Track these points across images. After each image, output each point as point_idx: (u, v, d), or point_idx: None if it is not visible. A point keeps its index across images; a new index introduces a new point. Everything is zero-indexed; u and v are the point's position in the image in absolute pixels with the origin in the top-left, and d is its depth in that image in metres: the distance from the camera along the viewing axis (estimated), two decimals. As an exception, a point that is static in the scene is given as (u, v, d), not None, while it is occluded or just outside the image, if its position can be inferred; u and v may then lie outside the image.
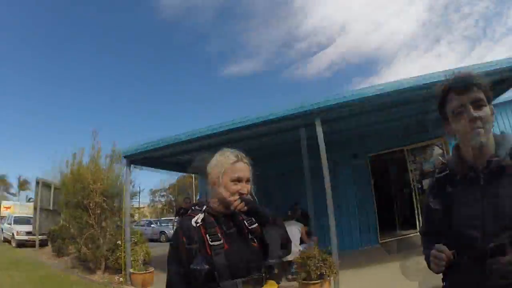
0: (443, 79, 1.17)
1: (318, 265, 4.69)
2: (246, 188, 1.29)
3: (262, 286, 1.24)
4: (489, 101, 1.11)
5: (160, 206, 48.33)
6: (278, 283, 1.28)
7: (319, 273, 4.67)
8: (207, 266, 1.13)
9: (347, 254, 6.53)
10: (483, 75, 1.14)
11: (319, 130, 5.24)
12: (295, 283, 5.12)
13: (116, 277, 7.19)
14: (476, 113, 1.06)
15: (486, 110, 1.09)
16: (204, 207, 1.30)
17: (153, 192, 48.00)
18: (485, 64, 5.23)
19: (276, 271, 2.97)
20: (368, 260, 6.41)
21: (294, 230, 5.86)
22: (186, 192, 35.59)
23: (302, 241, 6.00)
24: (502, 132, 1.16)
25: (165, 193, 48.95)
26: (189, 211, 1.32)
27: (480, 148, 1.08)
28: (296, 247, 5.48)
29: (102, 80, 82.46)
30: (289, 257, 5.38)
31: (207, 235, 1.20)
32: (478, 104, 1.08)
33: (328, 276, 4.73)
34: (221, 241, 1.20)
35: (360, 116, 6.14)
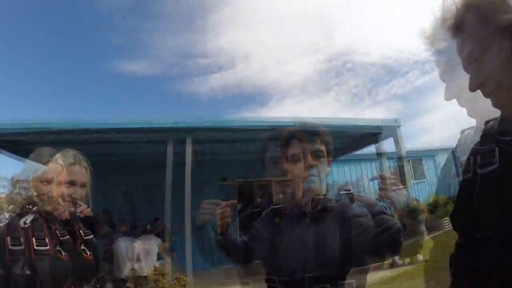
0: (292, 125, 1.30)
1: (172, 283, 4.71)
2: (79, 193, 1.25)
3: None
4: (328, 154, 1.25)
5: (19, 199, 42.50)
6: None
7: None
8: (28, 272, 1.05)
9: (205, 274, 6.46)
10: (327, 130, 1.27)
11: (188, 148, 5.42)
12: None
13: None
14: (313, 162, 1.19)
15: (323, 161, 1.22)
16: (36, 207, 1.20)
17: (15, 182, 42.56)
18: (362, 119, 6.56)
19: (132, 286, 2.86)
20: (225, 280, 6.34)
21: (152, 245, 5.71)
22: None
23: (160, 257, 5.82)
24: (333, 181, 1.33)
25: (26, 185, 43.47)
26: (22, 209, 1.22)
27: (310, 192, 1.19)
28: (152, 262, 5.36)
29: None
30: (145, 273, 5.20)
31: (33, 239, 1.11)
32: (316, 155, 1.21)
33: None
34: (47, 247, 1.12)
35: (231, 143, 6.60)
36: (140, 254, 5.54)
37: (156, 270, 4.93)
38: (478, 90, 0.74)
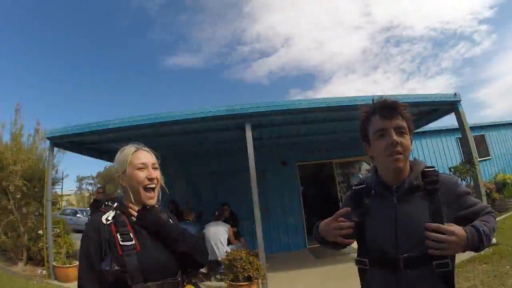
0: (371, 102, 1.22)
1: (246, 267, 4.64)
2: (154, 174, 1.25)
3: None
4: (410, 131, 1.17)
5: (87, 194, 42.58)
6: (204, 280, 1.47)
7: (246, 275, 4.61)
8: (117, 267, 1.07)
9: (275, 257, 6.48)
10: (408, 106, 1.20)
11: (249, 134, 5.34)
12: (223, 284, 5.00)
13: (39, 270, 6.51)
14: (398, 139, 1.11)
15: (407, 138, 1.15)
16: (116, 204, 1.23)
17: (80, 179, 43.03)
18: (417, 95, 5.99)
19: (205, 270, 4.00)
20: (297, 264, 6.43)
21: (222, 231, 5.79)
22: (105, 181, 31.32)
23: (229, 242, 5.87)
24: (414, 158, 1.25)
25: (92, 181, 44.60)
26: (102, 206, 1.25)
27: (396, 172, 1.14)
28: (223, 248, 5.53)
29: (37, 55, 68.72)
30: (217, 257, 5.46)
31: (118, 234, 1.12)
32: (400, 131, 1.13)
33: (256, 279, 4.68)
34: (133, 242, 1.13)
35: (290, 126, 6.42)
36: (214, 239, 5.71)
37: (229, 256, 4.91)
38: None
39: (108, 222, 1.15)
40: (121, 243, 1.11)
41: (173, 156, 7.64)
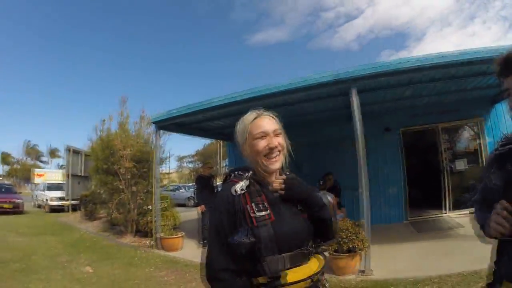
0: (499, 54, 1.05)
1: (351, 237, 4.54)
2: (276, 140, 1.20)
3: (309, 260, 1.16)
4: None
5: (187, 172, 48.38)
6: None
7: (350, 246, 4.54)
8: (251, 239, 1.04)
9: (375, 229, 6.23)
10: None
11: (355, 99, 4.98)
12: (326, 254, 5.00)
13: (147, 241, 7.30)
14: None
15: None
16: (248, 173, 1.20)
17: (180, 158, 48.14)
18: None
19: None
20: (397, 237, 6.28)
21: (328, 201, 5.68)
22: (205, 158, 31.85)
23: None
24: None
25: (192, 159, 49.87)
26: (231, 177, 1.23)
27: None
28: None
29: (131, 49, 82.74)
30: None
31: (252, 204, 1.10)
32: None
33: (360, 250, 4.58)
34: (268, 211, 1.10)
35: (395, 88, 5.90)
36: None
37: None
38: None
39: (242, 192, 1.12)
40: (256, 213, 1.08)
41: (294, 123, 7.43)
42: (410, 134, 8.20)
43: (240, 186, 1.14)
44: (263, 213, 1.09)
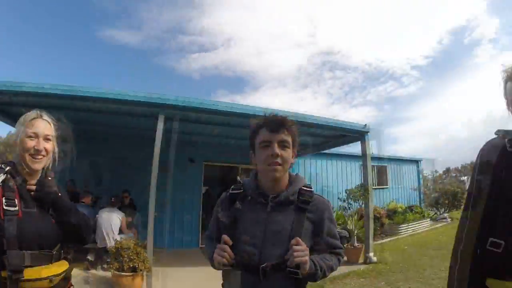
0: (262, 114, 1.30)
1: (132, 257, 4.60)
2: (44, 145, 1.24)
3: (52, 263, 1.19)
4: (294, 145, 1.27)
5: None
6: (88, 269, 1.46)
7: (132, 265, 4.57)
8: None
9: (166, 252, 6.45)
10: (295, 123, 1.29)
11: (160, 125, 5.27)
12: (109, 273, 4.87)
13: None
14: (278, 151, 1.20)
15: (289, 151, 1.24)
16: (8, 168, 1.20)
17: None
18: (328, 119, 6.34)
19: (92, 258, 4.10)
20: (186, 261, 6.54)
21: (115, 218, 5.64)
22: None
23: (121, 231, 5.74)
24: (296, 174, 1.37)
25: None
26: None
27: (273, 181, 1.24)
28: (114, 236, 5.42)
29: None
30: (106, 245, 5.33)
31: (3, 198, 1.11)
32: (283, 145, 1.22)
33: (141, 270, 4.65)
34: (16, 208, 1.12)
35: (206, 125, 6.50)
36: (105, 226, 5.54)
37: (117, 244, 4.81)
38: None
39: None
40: (4, 207, 1.10)
41: (79, 133, 6.68)
42: (214, 168, 9.15)
43: None
44: (12, 208, 1.11)
